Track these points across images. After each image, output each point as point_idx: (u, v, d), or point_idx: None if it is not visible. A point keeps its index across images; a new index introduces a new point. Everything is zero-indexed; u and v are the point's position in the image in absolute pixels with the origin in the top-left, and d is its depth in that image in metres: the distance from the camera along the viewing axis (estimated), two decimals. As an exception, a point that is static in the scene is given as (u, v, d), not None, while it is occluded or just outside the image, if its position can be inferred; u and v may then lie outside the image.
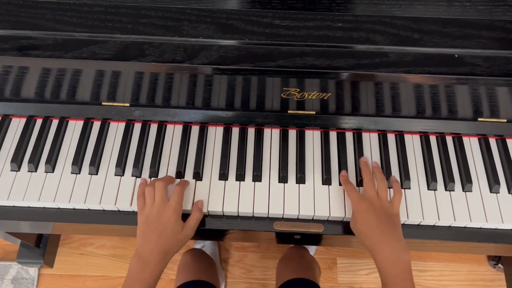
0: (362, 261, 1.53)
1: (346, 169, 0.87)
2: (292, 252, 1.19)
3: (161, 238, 0.76)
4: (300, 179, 0.86)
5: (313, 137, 0.91)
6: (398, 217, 0.78)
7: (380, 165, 0.87)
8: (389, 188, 0.85)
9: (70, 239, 1.56)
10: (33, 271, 1.49)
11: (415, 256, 1.54)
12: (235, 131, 0.91)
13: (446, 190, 0.86)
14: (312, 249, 1.51)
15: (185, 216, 0.81)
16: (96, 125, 0.92)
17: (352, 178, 0.86)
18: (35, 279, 1.48)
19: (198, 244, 1.49)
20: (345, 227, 0.84)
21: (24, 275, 1.48)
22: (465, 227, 0.84)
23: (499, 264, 1.49)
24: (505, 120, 0.89)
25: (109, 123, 0.92)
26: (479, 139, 0.91)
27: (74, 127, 0.92)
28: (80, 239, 1.56)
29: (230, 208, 0.83)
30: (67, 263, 1.53)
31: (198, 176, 0.86)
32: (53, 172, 0.87)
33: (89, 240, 1.56)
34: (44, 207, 0.85)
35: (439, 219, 0.83)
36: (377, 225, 0.76)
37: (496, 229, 0.84)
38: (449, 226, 0.84)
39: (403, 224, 0.84)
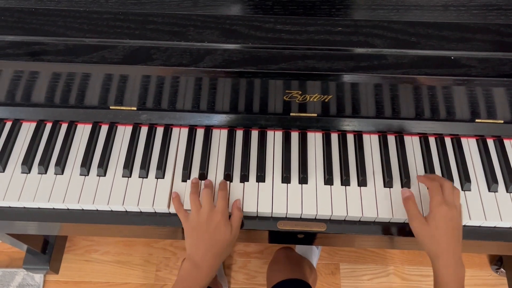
0: (365, 266, 1.54)
1: (348, 170, 0.89)
2: (279, 254, 1.21)
3: (212, 242, 0.79)
4: (303, 180, 0.88)
5: (315, 139, 0.93)
6: (462, 230, 0.78)
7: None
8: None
9: (76, 246, 1.58)
10: (38, 277, 1.51)
11: (418, 262, 1.55)
12: (239, 133, 0.94)
13: (445, 189, 0.88)
14: (314, 259, 1.51)
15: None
16: (104, 128, 0.94)
17: (354, 178, 0.89)
18: (40, 285, 1.50)
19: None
20: (348, 226, 0.86)
21: (29, 282, 1.50)
22: (464, 226, 0.86)
23: (502, 269, 1.50)
24: (502, 121, 0.92)
25: (116, 127, 0.95)
26: (477, 140, 0.94)
27: (83, 131, 0.94)
28: (85, 246, 1.58)
29: (234, 208, 0.86)
30: (72, 269, 1.54)
31: (203, 177, 0.89)
32: (62, 174, 0.89)
33: (94, 246, 1.58)
34: (54, 208, 0.87)
35: (439, 218, 0.85)
36: (452, 234, 0.75)
37: (495, 227, 0.86)
38: (449, 225, 0.86)
39: (403, 223, 0.86)
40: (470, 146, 0.93)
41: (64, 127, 0.95)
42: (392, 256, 1.56)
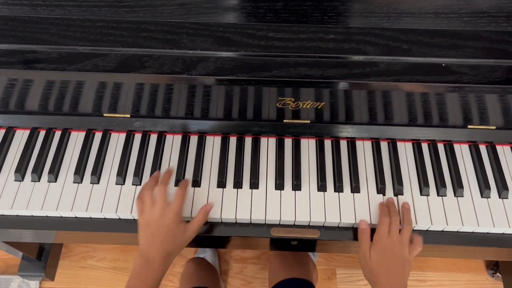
0: (362, 271, 1.54)
1: (341, 176, 0.89)
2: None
3: (164, 240, 0.78)
4: (296, 186, 0.88)
5: (308, 145, 0.94)
6: (409, 263, 0.79)
7: (408, 208, 0.86)
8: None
9: (71, 252, 1.57)
10: (34, 284, 1.50)
11: (414, 267, 1.54)
12: (233, 140, 0.94)
13: (438, 195, 0.88)
14: (314, 257, 1.51)
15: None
16: (98, 136, 0.95)
17: (347, 184, 0.89)
18: (36, 292, 1.49)
19: (199, 255, 1.50)
20: (341, 233, 0.86)
21: (25, 288, 1.49)
22: (457, 232, 0.86)
23: (498, 273, 1.50)
24: (494, 127, 0.92)
25: (110, 134, 0.95)
26: (469, 146, 0.94)
27: (76, 138, 0.94)
28: (81, 252, 1.57)
29: (228, 215, 0.85)
30: (68, 276, 1.54)
31: (196, 184, 0.89)
32: (55, 181, 0.89)
33: (90, 253, 1.57)
34: (47, 216, 0.87)
35: (432, 224, 0.85)
36: (393, 268, 0.77)
37: (488, 233, 0.86)
38: (442, 231, 0.86)
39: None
40: (462, 152, 0.93)
41: (57, 134, 0.95)
42: (388, 261, 1.56)
